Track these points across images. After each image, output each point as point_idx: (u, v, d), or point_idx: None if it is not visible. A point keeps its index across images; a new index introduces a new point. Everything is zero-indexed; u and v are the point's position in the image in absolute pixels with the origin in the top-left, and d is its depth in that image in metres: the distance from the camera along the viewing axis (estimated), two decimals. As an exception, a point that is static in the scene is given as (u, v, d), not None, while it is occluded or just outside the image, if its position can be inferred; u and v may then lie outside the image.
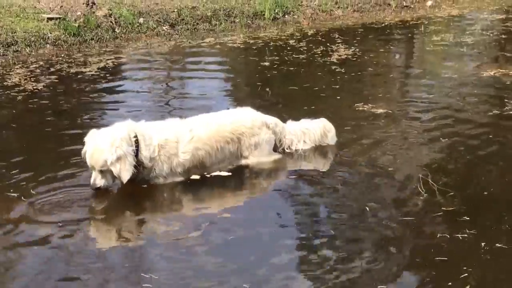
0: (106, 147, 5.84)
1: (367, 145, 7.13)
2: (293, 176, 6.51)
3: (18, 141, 7.51)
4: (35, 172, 6.39)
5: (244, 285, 4.52)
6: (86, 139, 6.04)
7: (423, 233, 5.28)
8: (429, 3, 17.17)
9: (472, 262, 4.81)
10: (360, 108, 8.37)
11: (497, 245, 5.01)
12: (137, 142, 6.03)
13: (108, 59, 11.41)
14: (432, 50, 12.38)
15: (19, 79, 10.06)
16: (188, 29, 14.00)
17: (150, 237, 5.34)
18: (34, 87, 9.61)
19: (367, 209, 5.64)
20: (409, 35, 14.02)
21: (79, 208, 5.75)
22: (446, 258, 4.86)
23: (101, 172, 5.90)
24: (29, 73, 10.41)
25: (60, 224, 5.39)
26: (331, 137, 7.12)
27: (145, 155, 6.06)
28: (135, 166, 6.00)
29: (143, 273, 4.71)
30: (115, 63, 11.25)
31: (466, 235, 5.15)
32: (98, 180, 5.93)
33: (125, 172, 5.86)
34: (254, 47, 12.50)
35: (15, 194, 5.89)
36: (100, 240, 5.38)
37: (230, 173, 6.51)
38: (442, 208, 5.60)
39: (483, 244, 5.01)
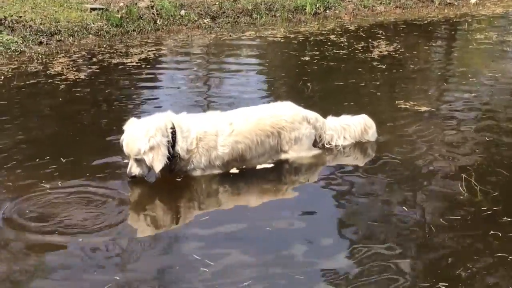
0: (140, 136, 5.86)
1: (408, 142, 7.05)
2: (332, 172, 6.46)
3: (58, 130, 7.57)
4: (72, 161, 6.47)
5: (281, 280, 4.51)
6: (124, 127, 6.09)
7: (473, 231, 5.18)
8: (473, 0, 16.93)
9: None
10: (402, 106, 8.28)
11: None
12: (174, 133, 6.04)
13: (149, 51, 11.48)
14: (475, 49, 12.19)
15: (62, 68, 10.18)
16: (229, 22, 14.02)
17: (187, 228, 5.35)
18: (76, 77, 9.71)
19: (405, 208, 5.56)
20: (452, 32, 13.85)
21: (115, 198, 5.77)
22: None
23: (137, 160, 5.93)
24: (71, 63, 10.53)
25: (94, 214, 5.42)
26: (372, 134, 7.06)
27: (181, 146, 6.07)
28: (171, 157, 6.02)
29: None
30: (156, 55, 11.31)
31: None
32: (133, 169, 5.97)
33: (157, 162, 5.87)
34: (295, 42, 12.45)
35: (47, 185, 5.91)
36: (136, 229, 5.39)
37: (273, 164, 6.50)
38: (483, 208, 5.51)
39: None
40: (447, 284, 4.45)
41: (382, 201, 5.79)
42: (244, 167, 6.39)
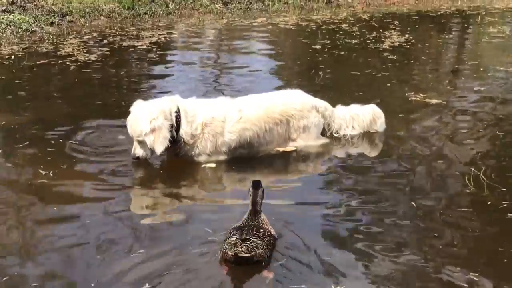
0: (143, 118, 5.90)
1: (417, 134, 7.03)
2: (340, 162, 6.45)
3: (67, 111, 7.58)
4: (78, 143, 6.49)
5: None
6: (131, 108, 6.10)
7: (487, 225, 5.12)
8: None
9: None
10: (412, 98, 8.25)
11: None
12: (178, 117, 6.04)
13: (160, 34, 11.48)
14: (488, 42, 12.13)
15: (72, 49, 10.19)
16: (241, 8, 14.00)
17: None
18: (87, 58, 9.72)
19: (414, 204, 5.48)
20: (465, 25, 13.78)
21: (117, 178, 5.81)
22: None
23: (140, 142, 5.96)
24: (82, 44, 10.53)
25: (98, 195, 5.45)
26: (380, 124, 7.04)
27: (185, 131, 6.07)
28: (175, 141, 6.03)
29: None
30: (167, 38, 11.30)
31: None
32: (137, 150, 6.00)
33: (158, 145, 5.90)
34: (307, 30, 12.41)
35: (47, 173, 5.87)
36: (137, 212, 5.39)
37: (295, 148, 6.52)
38: (488, 203, 5.47)
39: None
40: (477, 274, 4.40)
41: (388, 192, 5.74)
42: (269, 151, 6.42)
